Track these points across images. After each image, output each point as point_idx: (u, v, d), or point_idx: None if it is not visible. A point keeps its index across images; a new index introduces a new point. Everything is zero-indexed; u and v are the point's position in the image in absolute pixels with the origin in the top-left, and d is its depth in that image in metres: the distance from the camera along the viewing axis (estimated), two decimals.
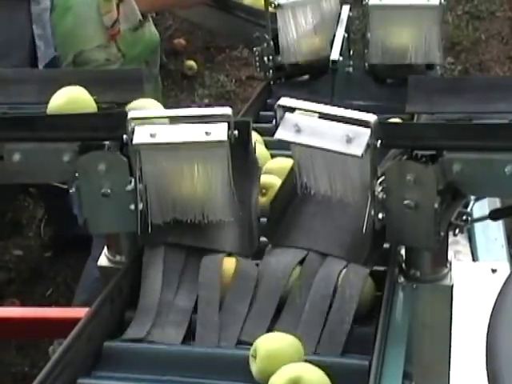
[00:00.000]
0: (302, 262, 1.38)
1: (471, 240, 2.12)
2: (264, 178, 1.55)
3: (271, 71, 2.29)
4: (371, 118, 1.28)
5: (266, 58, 2.27)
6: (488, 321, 0.67)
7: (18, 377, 2.94)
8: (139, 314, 1.32)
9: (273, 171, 1.60)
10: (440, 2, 2.11)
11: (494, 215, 1.41)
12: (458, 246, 2.04)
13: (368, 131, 1.27)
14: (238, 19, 2.57)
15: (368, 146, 1.27)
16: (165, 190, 1.36)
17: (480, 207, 1.65)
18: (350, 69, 2.33)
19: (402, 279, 1.39)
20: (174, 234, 1.40)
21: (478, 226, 2.11)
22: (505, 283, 0.72)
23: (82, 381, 1.20)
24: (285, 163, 1.59)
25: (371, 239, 1.34)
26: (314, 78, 2.32)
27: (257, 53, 2.29)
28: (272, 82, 2.32)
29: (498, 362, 0.61)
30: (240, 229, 1.41)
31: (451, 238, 1.44)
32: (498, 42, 4.63)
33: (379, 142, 1.27)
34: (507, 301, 0.67)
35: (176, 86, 4.44)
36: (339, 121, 1.30)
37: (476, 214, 1.52)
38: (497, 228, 2.16)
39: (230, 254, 1.39)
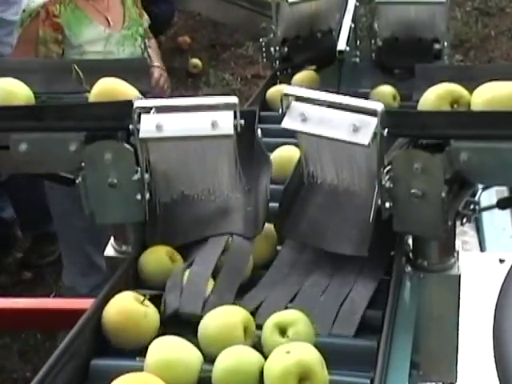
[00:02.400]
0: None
1: (479, 230, 2.12)
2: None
3: (277, 62, 2.29)
4: (378, 106, 1.28)
5: (272, 49, 2.28)
6: (495, 306, 0.67)
7: (20, 383, 2.95)
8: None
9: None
10: None
11: (501, 204, 1.41)
12: (465, 237, 2.04)
13: (375, 120, 1.27)
14: (243, 10, 2.58)
15: (375, 134, 1.27)
16: (171, 179, 1.36)
17: (488, 196, 1.65)
18: (357, 59, 2.33)
19: (409, 268, 1.40)
20: (180, 233, 1.41)
21: (485, 216, 2.11)
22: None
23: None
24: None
25: (377, 232, 1.34)
26: (321, 69, 2.32)
27: (263, 43, 2.29)
28: (278, 73, 2.32)
29: (506, 347, 0.61)
30: (246, 213, 1.41)
31: (458, 229, 1.44)
32: (508, 39, 4.60)
33: (386, 130, 1.27)
34: None
35: (181, 84, 4.42)
36: (346, 109, 1.30)
37: (484, 204, 1.52)
38: (505, 218, 2.15)
39: None
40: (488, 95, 1.41)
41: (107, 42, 2.61)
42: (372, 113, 1.27)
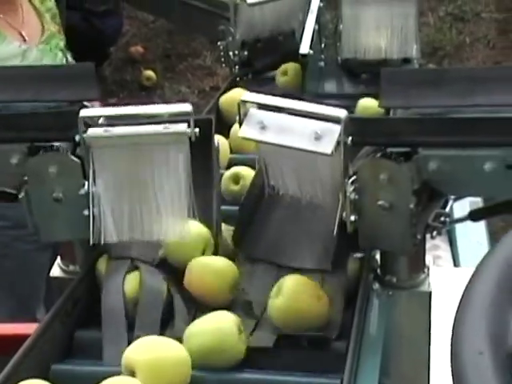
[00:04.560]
0: None
1: (452, 244, 2.12)
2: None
3: (237, 67, 2.30)
4: (341, 113, 1.28)
5: (231, 53, 2.28)
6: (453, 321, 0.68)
7: None
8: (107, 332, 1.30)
9: None
10: None
11: (474, 216, 1.41)
12: (438, 251, 2.04)
13: (338, 127, 1.27)
14: (201, 12, 2.58)
15: (338, 143, 1.27)
16: (120, 192, 1.35)
17: (461, 208, 1.66)
18: (322, 63, 2.34)
19: (376, 286, 1.40)
20: (134, 248, 1.40)
21: (459, 229, 2.11)
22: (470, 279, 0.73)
23: None
24: None
25: (342, 243, 1.34)
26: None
27: (221, 47, 2.29)
28: (239, 79, 2.32)
29: (461, 362, 0.62)
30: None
31: (431, 243, 1.44)
32: (484, 46, 4.60)
33: (350, 139, 1.27)
34: (471, 298, 0.68)
35: (133, 98, 4.32)
36: (307, 116, 1.30)
37: (457, 215, 1.52)
38: (479, 231, 2.16)
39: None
40: None
41: (23, 57, 2.58)
42: (335, 120, 1.27)
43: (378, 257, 1.42)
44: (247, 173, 1.65)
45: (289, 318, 1.29)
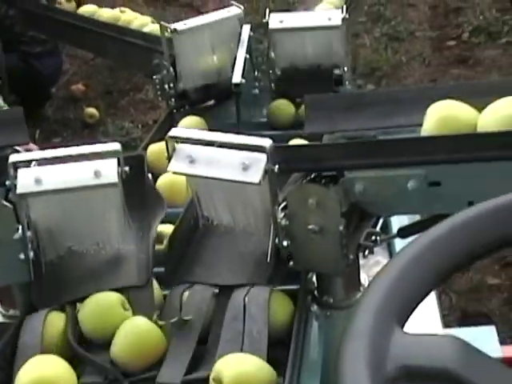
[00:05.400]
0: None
1: None
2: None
3: (173, 99, 2.31)
4: (266, 142, 1.30)
5: (166, 86, 2.29)
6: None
7: None
8: None
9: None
10: (342, 20, 2.18)
11: (402, 233, 1.43)
12: (379, 267, 2.06)
13: (264, 157, 1.29)
14: (136, 47, 2.58)
15: (266, 171, 1.29)
16: (57, 235, 1.36)
17: (400, 223, 1.68)
18: (257, 90, 2.37)
19: (314, 307, 1.41)
20: (68, 291, 1.39)
21: (398, 244, 2.13)
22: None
23: None
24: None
25: (274, 261, 1.36)
26: (220, 103, 2.35)
27: (157, 81, 2.31)
28: (175, 111, 2.33)
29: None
30: (138, 261, 1.41)
31: (372, 260, 1.46)
32: (420, 64, 4.62)
33: (277, 167, 1.30)
34: (354, 322, 0.70)
35: (76, 136, 4.20)
36: (234, 148, 1.33)
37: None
38: None
39: None
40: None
41: None
42: (260, 149, 1.30)
43: (314, 279, 1.44)
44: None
45: None
